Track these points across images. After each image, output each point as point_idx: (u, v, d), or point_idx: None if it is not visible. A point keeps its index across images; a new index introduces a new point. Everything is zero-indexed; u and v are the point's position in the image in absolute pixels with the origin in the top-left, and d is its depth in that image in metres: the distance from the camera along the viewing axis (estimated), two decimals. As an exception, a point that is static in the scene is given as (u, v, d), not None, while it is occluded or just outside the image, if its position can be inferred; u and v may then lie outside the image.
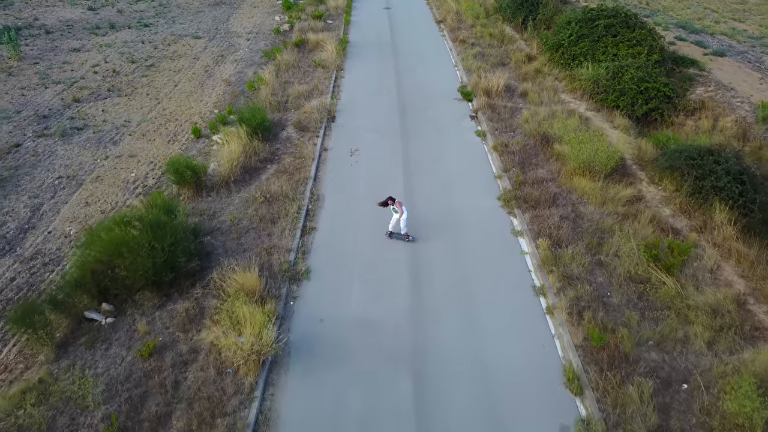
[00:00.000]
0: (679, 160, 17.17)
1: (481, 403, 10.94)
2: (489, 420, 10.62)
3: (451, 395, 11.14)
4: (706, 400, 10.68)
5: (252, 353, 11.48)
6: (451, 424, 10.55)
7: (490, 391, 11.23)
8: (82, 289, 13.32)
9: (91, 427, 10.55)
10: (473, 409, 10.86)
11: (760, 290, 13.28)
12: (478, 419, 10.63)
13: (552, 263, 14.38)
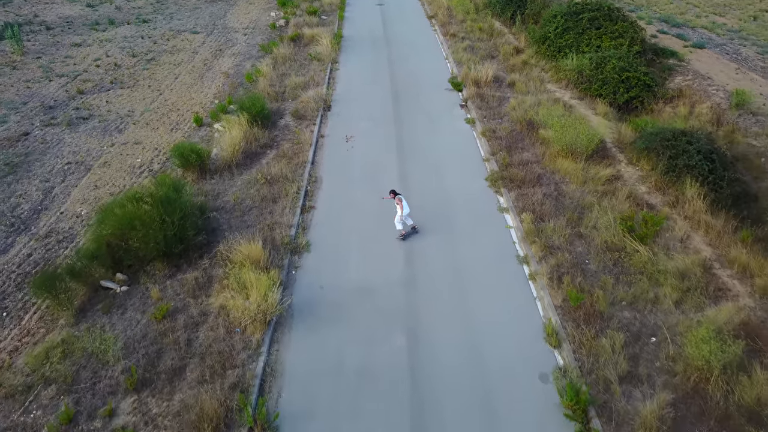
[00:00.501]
0: (655, 141, 18.33)
1: (469, 356, 12.04)
2: (476, 370, 11.71)
3: (442, 349, 12.23)
4: (671, 350, 11.81)
5: (258, 313, 12.51)
6: (441, 374, 11.63)
7: (476, 345, 12.32)
8: (98, 260, 14.30)
9: (112, 379, 11.56)
10: (461, 361, 11.95)
11: (724, 256, 14.44)
12: (466, 370, 11.72)
13: (535, 235, 15.49)
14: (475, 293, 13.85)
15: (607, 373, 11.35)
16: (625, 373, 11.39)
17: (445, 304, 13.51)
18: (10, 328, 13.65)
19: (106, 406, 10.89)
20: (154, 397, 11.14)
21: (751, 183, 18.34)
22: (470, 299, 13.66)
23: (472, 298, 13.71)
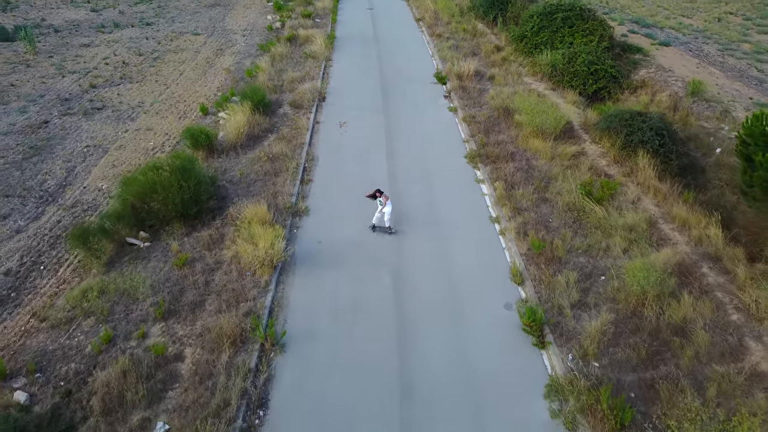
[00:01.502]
0: (614, 121, 20.68)
1: (446, 293, 14.19)
2: (452, 301, 13.88)
3: (423, 286, 14.41)
4: (616, 284, 14.02)
5: (266, 259, 14.65)
6: (421, 305, 13.78)
7: (452, 284, 14.50)
8: (124, 221, 16.39)
9: (142, 311, 13.65)
10: (439, 295, 14.12)
11: (668, 214, 16.73)
12: (442, 302, 13.88)
13: (506, 200, 17.74)
14: (452, 246, 16.03)
15: (561, 301, 13.55)
16: (576, 301, 13.59)
17: (426, 253, 15.68)
18: (48, 278, 15.70)
19: (139, 330, 12.94)
20: (179, 324, 13.23)
21: (700, 158, 20.71)
22: (448, 250, 15.84)
23: (450, 249, 15.89)
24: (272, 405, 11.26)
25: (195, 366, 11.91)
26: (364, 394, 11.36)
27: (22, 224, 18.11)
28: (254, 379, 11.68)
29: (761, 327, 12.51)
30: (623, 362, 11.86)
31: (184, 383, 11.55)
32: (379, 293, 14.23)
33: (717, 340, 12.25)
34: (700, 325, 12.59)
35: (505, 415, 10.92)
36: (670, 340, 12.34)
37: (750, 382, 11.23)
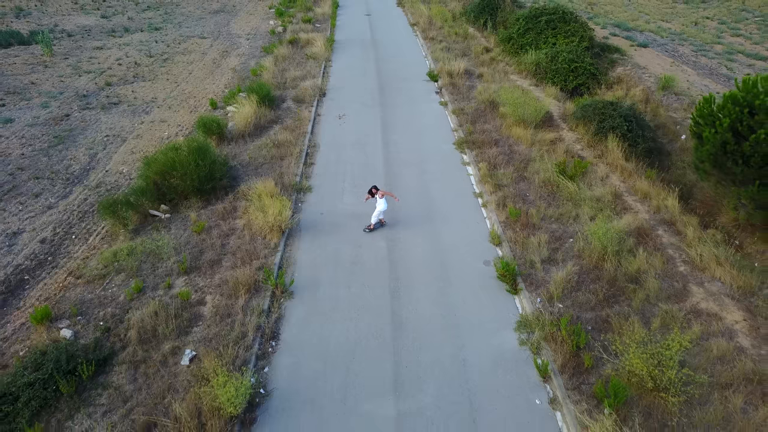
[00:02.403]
0: (589, 110, 22.80)
1: (433, 253, 16.16)
2: (438, 259, 15.84)
3: (413, 248, 16.39)
4: (582, 245, 16.05)
5: (275, 225, 16.65)
6: (412, 262, 15.74)
7: (439, 245, 16.48)
8: (146, 195, 18.38)
9: (167, 267, 15.62)
10: (427, 255, 16.10)
11: (632, 188, 18.79)
12: (430, 259, 15.85)
13: (488, 178, 19.79)
14: (440, 216, 18.06)
15: (533, 257, 15.57)
16: (546, 257, 15.61)
17: (417, 223, 17.69)
18: (79, 245, 17.68)
19: (165, 282, 14.91)
20: (200, 277, 15.21)
21: (666, 144, 22.82)
22: (436, 220, 17.87)
23: (437, 219, 17.92)
24: (282, 337, 13.23)
25: (215, 308, 13.88)
26: (362, 328, 13.34)
27: (53, 201, 20.09)
28: (267, 318, 13.65)
29: (703, 275, 14.53)
30: (583, 303, 13.86)
31: (206, 321, 13.52)
32: (375, 253, 16.22)
33: (665, 286, 14.27)
34: (651, 275, 14.59)
35: (480, 344, 12.90)
36: (625, 286, 14.34)
37: (689, 316, 13.24)
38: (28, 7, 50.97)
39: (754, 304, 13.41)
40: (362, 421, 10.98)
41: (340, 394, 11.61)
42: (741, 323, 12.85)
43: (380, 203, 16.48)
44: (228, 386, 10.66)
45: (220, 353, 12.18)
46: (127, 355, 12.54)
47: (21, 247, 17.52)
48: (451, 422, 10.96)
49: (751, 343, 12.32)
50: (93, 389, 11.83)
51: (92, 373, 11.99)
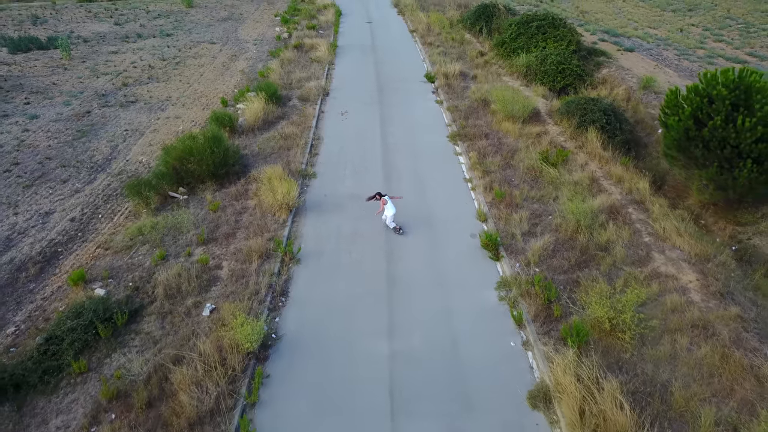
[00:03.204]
0: (572, 106, 24.72)
1: (425, 227, 17.97)
2: (429, 233, 17.66)
3: (407, 225, 18.20)
4: (559, 221, 17.88)
5: (283, 203, 18.53)
6: (408, 237, 17.60)
7: (431, 222, 18.31)
8: (166, 179, 20.29)
9: (187, 238, 17.47)
10: (420, 230, 17.89)
11: (608, 173, 20.64)
12: (423, 233, 17.66)
13: (477, 165, 21.66)
14: (433, 198, 19.90)
15: (514, 231, 17.40)
16: (526, 231, 17.44)
17: (411, 204, 19.48)
18: (106, 223, 19.55)
19: (186, 250, 16.76)
20: (217, 247, 17.07)
21: (644, 137, 24.70)
22: (429, 201, 19.70)
23: (430, 200, 19.76)
24: (291, 294, 15.07)
25: (231, 271, 15.72)
26: (360, 287, 15.17)
27: (79, 186, 22.01)
28: (277, 278, 15.49)
29: (665, 244, 16.35)
30: (557, 267, 15.68)
31: (223, 281, 15.36)
32: (374, 228, 18.07)
33: (630, 254, 16.09)
34: (619, 244, 16.42)
35: (464, 300, 14.71)
36: (595, 254, 16.16)
37: (649, 277, 15.04)
38: (44, 15, 53.30)
39: (708, 268, 15.21)
40: (360, 356, 12.78)
41: (341, 337, 13.43)
42: (694, 282, 14.65)
43: (388, 209, 17.00)
44: (245, 326, 12.49)
45: (238, 303, 13.98)
46: (155, 308, 14.37)
47: (53, 224, 19.39)
48: (437, 358, 12.76)
49: (701, 298, 14.12)
50: (127, 334, 13.65)
51: (125, 321, 13.81)
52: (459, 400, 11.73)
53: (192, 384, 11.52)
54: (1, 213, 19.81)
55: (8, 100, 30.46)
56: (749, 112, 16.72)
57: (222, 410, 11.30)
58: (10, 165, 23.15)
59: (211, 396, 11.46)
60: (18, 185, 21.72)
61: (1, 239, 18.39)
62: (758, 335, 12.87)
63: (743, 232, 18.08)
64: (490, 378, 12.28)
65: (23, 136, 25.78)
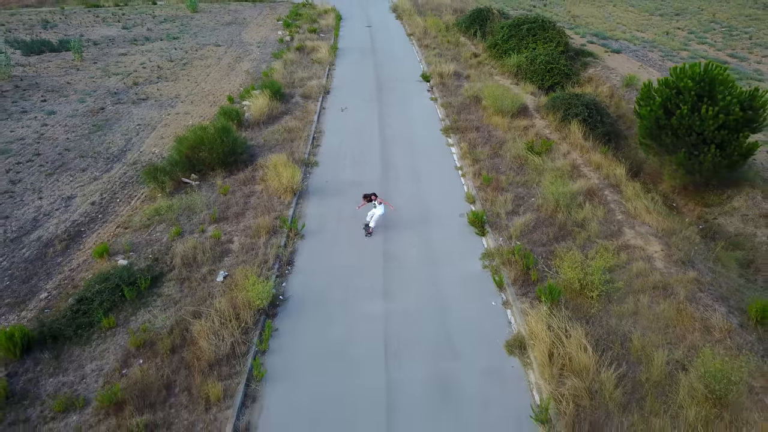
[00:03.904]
0: (558, 101, 26.44)
1: (418, 209, 19.60)
2: (422, 214, 19.30)
3: (402, 206, 19.86)
4: (541, 201, 19.56)
5: (288, 187, 20.21)
6: (400, 216, 19.17)
7: (424, 205, 19.94)
8: (179, 166, 21.97)
9: (200, 218, 19.12)
10: (414, 212, 19.52)
11: (588, 161, 22.32)
12: (416, 214, 19.30)
13: (468, 154, 23.36)
14: (426, 183, 21.55)
15: (499, 210, 19.07)
16: (510, 210, 19.11)
17: (406, 189, 21.14)
18: (124, 206, 21.20)
19: (200, 228, 18.41)
20: (228, 225, 18.71)
21: (624, 130, 26.41)
22: (422, 186, 21.35)
23: (423, 185, 21.41)
24: (296, 264, 16.72)
25: (242, 245, 17.37)
26: (359, 260, 16.78)
27: (98, 174, 23.68)
28: (283, 250, 17.15)
29: (635, 221, 18.01)
30: (536, 241, 17.33)
31: (235, 253, 17.01)
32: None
33: (604, 229, 17.74)
34: (594, 221, 18.07)
35: (451, 268, 16.34)
36: (572, 229, 17.82)
37: (619, 248, 16.69)
38: (54, 19, 55.15)
39: (672, 241, 16.87)
40: (358, 315, 14.42)
41: (341, 300, 15.07)
42: (659, 252, 16.31)
43: (379, 208, 17.55)
44: (256, 285, 14.14)
45: (249, 269, 15.63)
46: (174, 275, 16.01)
47: (75, 207, 21.05)
48: (426, 316, 14.40)
49: (663, 265, 15.77)
50: (149, 297, 15.29)
51: (148, 285, 15.45)
52: (445, 349, 13.36)
53: (210, 333, 13.14)
54: (27, 197, 21.45)
55: (26, 98, 32.19)
56: (712, 102, 18.42)
57: (237, 354, 12.93)
58: (32, 155, 24.82)
59: (227, 343, 13.07)
60: (41, 173, 23.38)
61: (29, 220, 20.02)
62: (712, 295, 14.51)
63: (710, 213, 19.75)
64: (472, 332, 13.91)
65: (42, 130, 27.48)
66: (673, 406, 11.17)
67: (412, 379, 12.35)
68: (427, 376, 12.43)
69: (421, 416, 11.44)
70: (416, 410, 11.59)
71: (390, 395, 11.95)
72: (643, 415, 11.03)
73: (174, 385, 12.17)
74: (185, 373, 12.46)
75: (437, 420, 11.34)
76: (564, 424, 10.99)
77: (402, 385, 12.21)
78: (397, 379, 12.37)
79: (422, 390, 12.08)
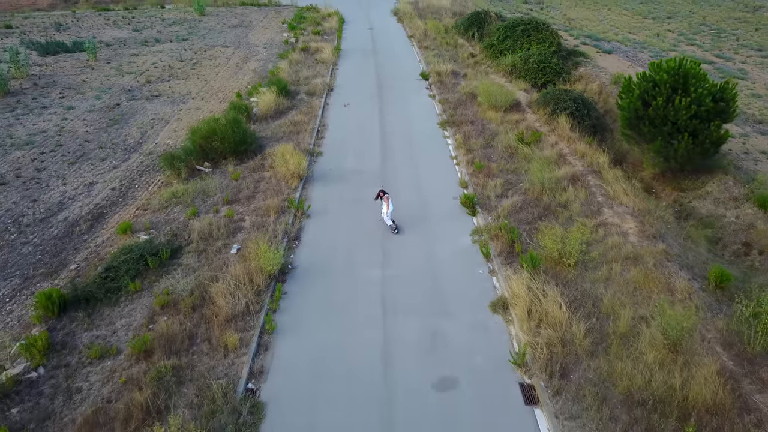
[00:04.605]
0: (548, 97, 28.10)
1: (416, 193, 21.23)
2: (419, 197, 20.95)
3: (401, 192, 21.51)
4: (528, 185, 21.17)
5: (295, 173, 21.89)
6: (399, 198, 20.84)
7: (421, 188, 21.57)
8: (193, 154, 23.67)
9: (214, 200, 20.79)
10: (412, 195, 21.17)
11: (574, 150, 23.94)
12: (414, 198, 20.93)
13: (462, 145, 25.02)
14: (423, 171, 23.18)
15: (489, 194, 20.70)
16: (500, 194, 20.73)
17: (405, 176, 22.79)
18: (142, 191, 22.87)
19: (214, 208, 20.08)
20: (240, 206, 20.37)
21: (610, 123, 28.05)
22: (420, 174, 22.98)
23: (421, 173, 23.04)
24: (303, 239, 18.37)
25: (253, 223, 19.03)
26: (360, 236, 18.44)
27: (116, 163, 25.39)
28: (291, 227, 18.81)
29: (614, 202, 19.61)
30: (522, 219, 18.96)
31: (246, 229, 18.67)
32: (371, 195, 21.36)
33: (584, 209, 19.36)
34: (576, 202, 19.67)
35: (444, 244, 17.94)
36: (555, 209, 19.44)
37: (598, 225, 18.30)
38: (66, 22, 57.08)
39: (647, 219, 18.48)
40: (359, 281, 16.05)
41: (344, 268, 16.71)
42: (633, 228, 17.92)
43: (385, 206, 18.30)
44: (267, 253, 15.80)
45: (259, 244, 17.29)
46: (192, 248, 17.67)
47: (97, 192, 22.75)
48: (420, 282, 16.02)
49: (637, 239, 17.37)
50: (170, 266, 16.94)
51: (169, 256, 17.11)
52: (436, 308, 14.98)
53: (227, 294, 14.78)
54: (52, 183, 23.17)
55: (45, 95, 34.00)
56: (686, 94, 20.06)
57: (251, 312, 14.58)
58: (54, 146, 26.57)
59: (242, 303, 14.72)
60: (64, 162, 25.12)
61: (55, 203, 21.73)
62: (678, 264, 16.11)
63: (685, 197, 21.36)
64: (461, 295, 15.54)
65: (63, 124, 29.24)
66: (634, 352, 12.76)
67: (406, 332, 13.98)
68: (419, 330, 14.06)
69: (413, 361, 13.07)
70: (409, 356, 13.22)
71: (386, 345, 13.59)
72: (608, 359, 12.61)
73: (196, 336, 13.81)
74: (205, 326, 14.10)
75: (427, 364, 12.97)
76: (538, 366, 12.60)
77: (397, 336, 13.85)
78: (392, 332, 14.01)
79: (415, 341, 13.71)
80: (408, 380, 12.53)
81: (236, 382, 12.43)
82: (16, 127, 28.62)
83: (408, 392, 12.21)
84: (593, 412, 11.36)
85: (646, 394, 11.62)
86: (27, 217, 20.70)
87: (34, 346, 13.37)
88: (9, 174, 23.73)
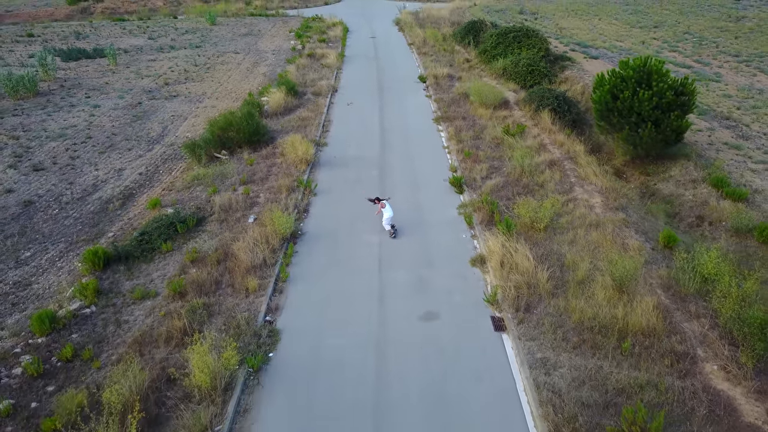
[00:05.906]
0: (533, 95, 30.87)
1: (411, 176, 23.90)
2: (413, 179, 23.63)
3: (397, 172, 24.21)
4: (510, 169, 23.86)
5: (303, 158, 24.66)
6: (395, 180, 23.53)
7: (415, 173, 24.22)
8: (212, 143, 26.47)
9: (232, 180, 23.52)
10: (407, 177, 23.83)
11: (554, 141, 26.64)
12: (409, 179, 23.61)
13: (454, 137, 27.77)
14: (418, 159, 25.89)
15: (476, 176, 23.37)
16: (485, 176, 23.41)
17: (401, 162, 25.52)
18: (166, 176, 25.67)
19: (232, 187, 22.82)
20: (255, 186, 23.10)
21: (590, 119, 30.77)
22: (415, 161, 25.70)
23: (416, 160, 25.74)
24: (311, 212, 21.08)
25: (267, 198, 21.73)
26: (360, 209, 21.10)
27: (142, 153, 28.22)
28: (300, 202, 21.54)
29: (585, 182, 22.26)
30: (502, 196, 21.60)
31: (261, 204, 21.39)
32: (372, 177, 24.10)
33: (559, 187, 21.99)
34: (552, 183, 22.33)
35: (434, 215, 20.59)
36: (533, 188, 22.09)
37: (569, 200, 20.96)
38: (84, 31, 60.35)
39: (612, 195, 21.11)
40: (359, 244, 18.68)
41: (346, 235, 19.36)
42: (599, 202, 20.55)
43: (386, 211, 18.77)
44: (281, 218, 18.50)
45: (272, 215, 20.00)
46: (214, 217, 20.38)
47: (126, 176, 25.53)
48: (411, 245, 18.66)
49: (601, 210, 20.00)
50: (196, 232, 19.64)
51: (195, 224, 19.82)
52: (424, 262, 17.62)
53: (246, 250, 17.45)
54: (86, 169, 25.98)
55: (71, 95, 36.97)
56: (649, 88, 22.78)
57: (267, 264, 17.25)
58: (85, 138, 29.44)
59: (260, 257, 17.38)
60: (94, 152, 27.96)
61: (89, 185, 24.51)
62: (635, 229, 18.73)
63: (651, 180, 23.99)
64: (446, 253, 18.17)
65: (91, 119, 32.15)
66: (588, 292, 15.36)
67: (398, 280, 16.63)
68: (409, 279, 16.70)
69: (403, 300, 15.70)
70: (400, 297, 15.85)
71: (381, 288, 16.23)
72: (566, 299, 15.20)
73: (221, 282, 16.49)
74: (228, 276, 16.77)
75: (414, 301, 15.61)
76: (508, 304, 15.21)
77: (390, 282, 16.49)
78: (386, 279, 16.65)
79: (405, 286, 16.35)
80: (398, 313, 15.16)
81: (256, 315, 15.06)
82: (49, 122, 31.51)
83: (397, 321, 14.84)
84: (549, 335, 13.95)
85: (594, 323, 14.18)
86: (66, 197, 23.45)
87: (87, 289, 16.02)
88: (47, 161, 26.55)
